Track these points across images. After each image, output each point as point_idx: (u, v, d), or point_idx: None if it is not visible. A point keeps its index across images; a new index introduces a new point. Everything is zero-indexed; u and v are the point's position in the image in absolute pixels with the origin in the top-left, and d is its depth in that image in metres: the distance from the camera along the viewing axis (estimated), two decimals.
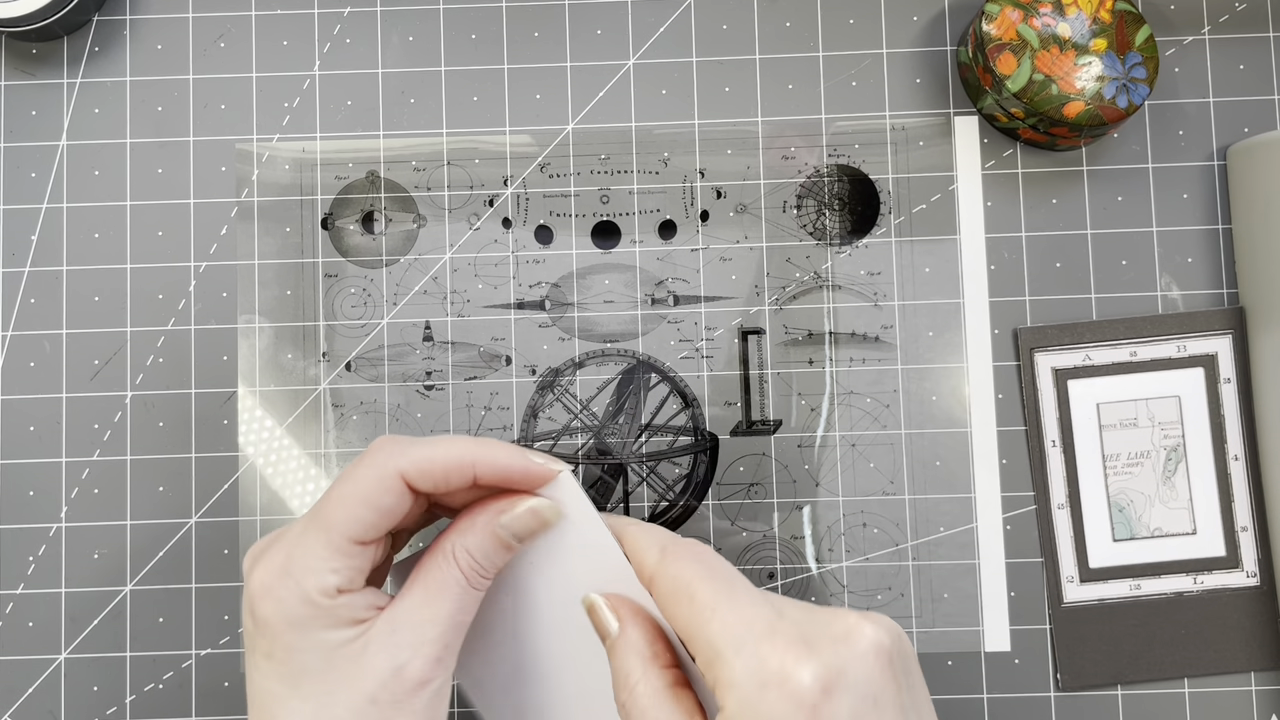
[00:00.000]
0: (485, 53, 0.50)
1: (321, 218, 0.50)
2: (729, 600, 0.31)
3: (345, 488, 0.33)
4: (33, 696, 0.48)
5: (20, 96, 0.50)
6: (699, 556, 0.33)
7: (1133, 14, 0.47)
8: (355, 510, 0.33)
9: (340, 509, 0.33)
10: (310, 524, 0.33)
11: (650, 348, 0.49)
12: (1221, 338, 0.49)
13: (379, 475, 0.33)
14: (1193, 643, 0.48)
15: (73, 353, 0.49)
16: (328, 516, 0.33)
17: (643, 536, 0.35)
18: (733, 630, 0.30)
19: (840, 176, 0.50)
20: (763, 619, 0.30)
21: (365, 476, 0.33)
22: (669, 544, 0.34)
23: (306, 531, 0.33)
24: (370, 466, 0.33)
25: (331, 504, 0.33)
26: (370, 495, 0.33)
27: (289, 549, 0.33)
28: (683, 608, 0.31)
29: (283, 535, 0.34)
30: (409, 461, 0.34)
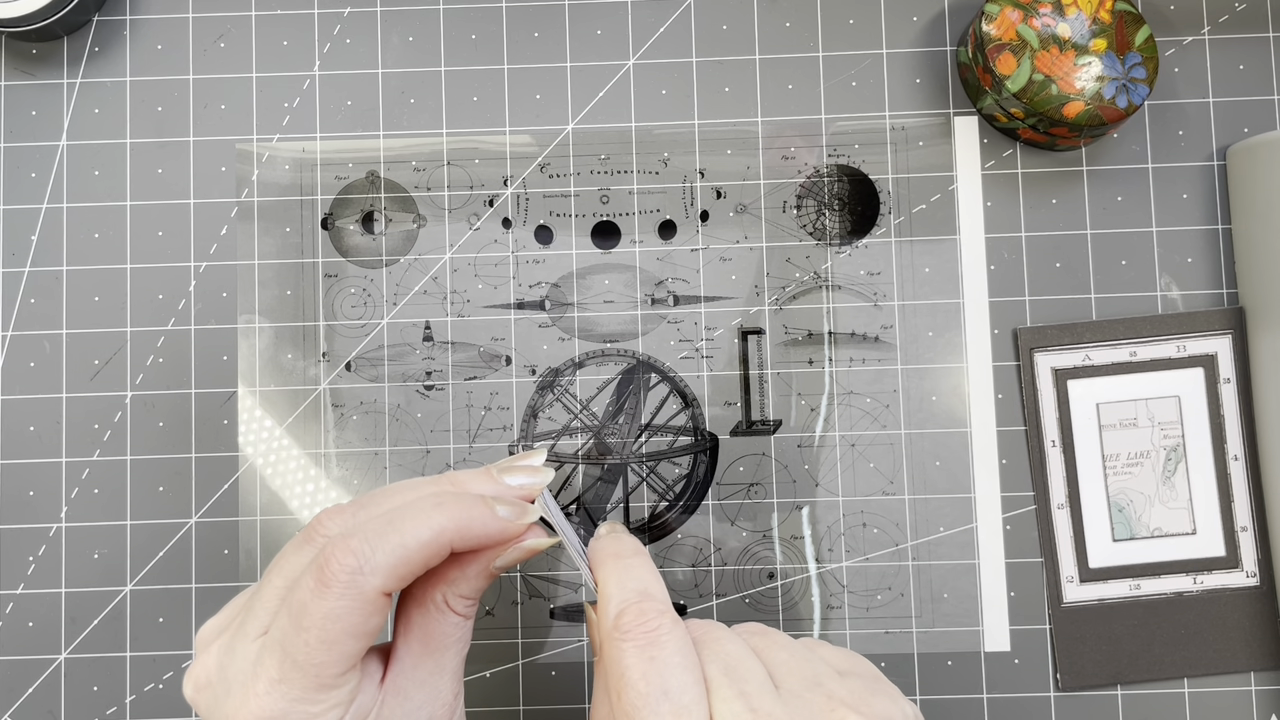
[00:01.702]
0: (485, 53, 0.50)
1: (321, 218, 0.50)
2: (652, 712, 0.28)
3: (324, 629, 0.29)
4: (33, 696, 0.48)
5: (20, 96, 0.50)
6: (649, 639, 0.29)
7: (1132, 14, 0.47)
8: (345, 647, 0.29)
9: (328, 651, 0.29)
10: (293, 672, 0.29)
11: (650, 348, 0.49)
12: (1221, 338, 0.49)
13: (359, 604, 0.29)
14: (1193, 643, 0.48)
15: (73, 353, 0.49)
16: (314, 662, 0.29)
17: (609, 583, 0.32)
18: None
19: (840, 176, 0.50)
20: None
21: (343, 610, 0.29)
22: (625, 611, 0.30)
23: (290, 680, 0.29)
24: (344, 595, 0.29)
25: (314, 647, 0.29)
26: (354, 627, 0.29)
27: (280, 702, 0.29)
28: (612, 694, 0.29)
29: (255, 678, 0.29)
30: (385, 572, 0.29)
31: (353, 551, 0.29)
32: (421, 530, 0.30)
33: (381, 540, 0.30)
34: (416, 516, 0.30)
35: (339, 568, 0.29)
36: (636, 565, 0.32)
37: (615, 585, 0.31)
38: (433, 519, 0.30)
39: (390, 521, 0.30)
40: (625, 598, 0.31)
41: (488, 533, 0.31)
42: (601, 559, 0.33)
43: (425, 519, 0.30)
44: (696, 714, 0.28)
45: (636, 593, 0.31)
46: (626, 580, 0.31)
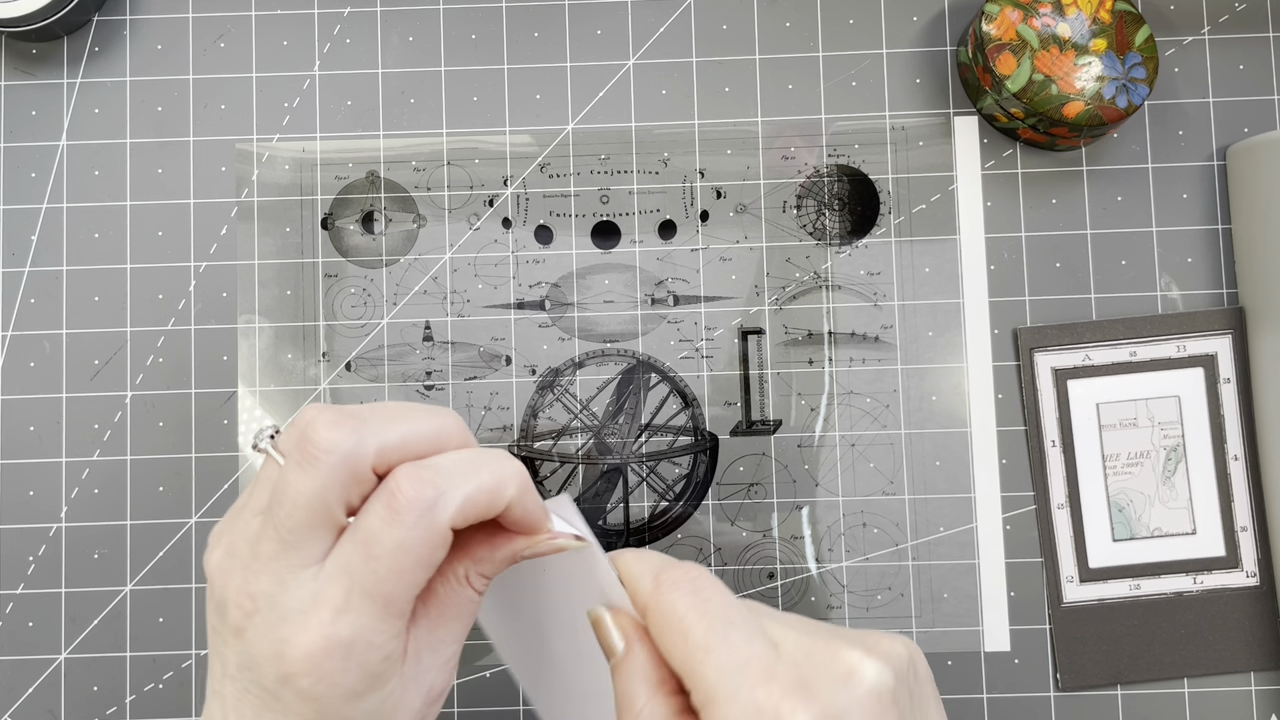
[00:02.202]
0: (485, 53, 0.50)
1: (321, 218, 0.50)
2: (723, 639, 0.30)
3: (395, 558, 0.29)
4: (33, 696, 0.48)
5: (20, 96, 0.50)
6: (694, 587, 0.31)
7: (1132, 14, 0.47)
8: (413, 577, 0.30)
9: (398, 580, 0.30)
10: (361, 600, 0.30)
11: (650, 348, 0.49)
12: (1221, 338, 0.49)
13: (430, 536, 0.30)
14: (1193, 643, 0.48)
15: (73, 353, 0.49)
16: (384, 592, 0.30)
17: (636, 564, 0.33)
18: (727, 673, 0.29)
19: (840, 176, 0.50)
20: (758, 660, 0.29)
21: (415, 541, 0.30)
22: (663, 570, 0.32)
23: (359, 609, 0.30)
24: (416, 527, 0.29)
25: (385, 577, 0.30)
26: (424, 559, 0.30)
27: (348, 629, 0.30)
28: (677, 645, 0.30)
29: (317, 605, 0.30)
30: (457, 507, 0.30)
31: (427, 482, 0.30)
32: (495, 474, 0.31)
33: (456, 476, 0.30)
34: (493, 462, 0.31)
35: (414, 497, 0.29)
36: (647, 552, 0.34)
37: (639, 561, 0.33)
38: (505, 466, 0.31)
39: (467, 461, 0.31)
40: (653, 563, 0.32)
41: (535, 507, 0.32)
42: (616, 554, 0.34)
43: (501, 464, 0.31)
44: (761, 636, 0.30)
45: (661, 560, 0.32)
46: (646, 556, 0.33)
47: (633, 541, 0.48)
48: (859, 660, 0.29)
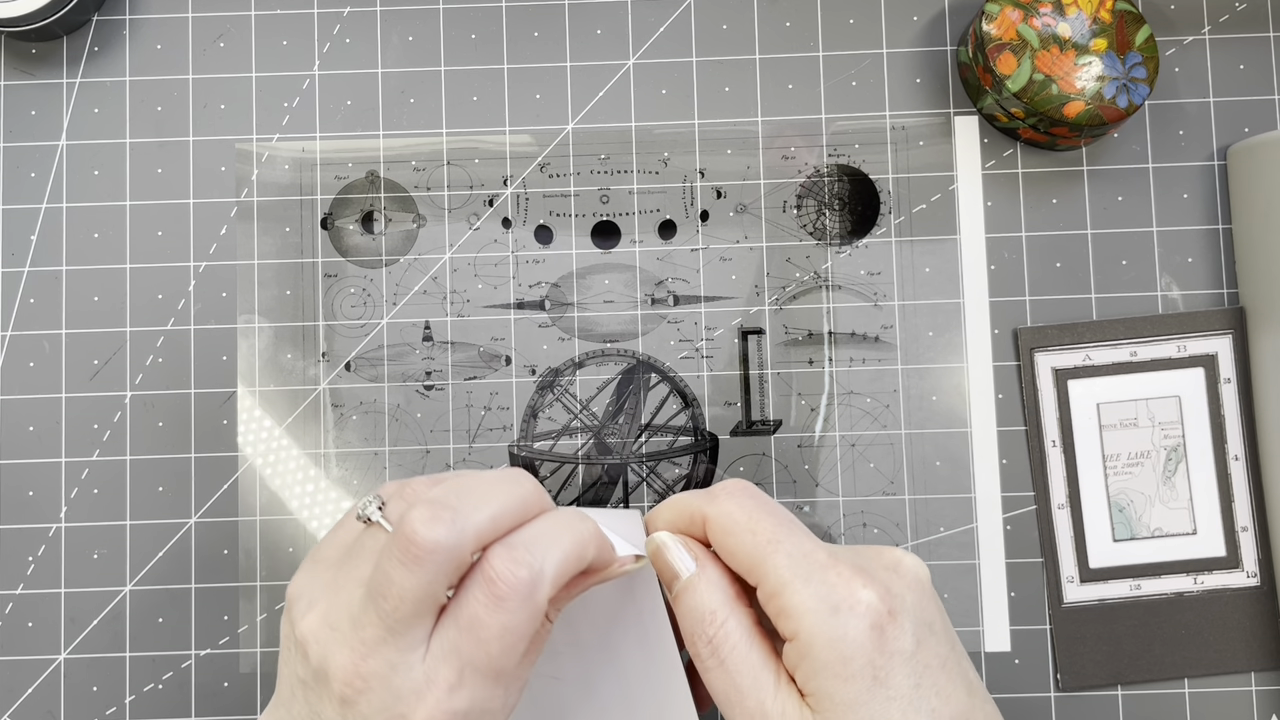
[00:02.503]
0: (485, 53, 0.50)
1: (321, 218, 0.50)
2: (789, 533, 0.32)
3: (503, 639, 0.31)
4: (32, 696, 0.48)
5: (20, 96, 0.50)
6: (751, 492, 0.34)
7: (1133, 14, 0.47)
8: (520, 648, 0.32)
9: (509, 656, 0.31)
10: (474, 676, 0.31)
11: (650, 348, 0.49)
12: (1221, 338, 0.49)
13: (534, 612, 0.31)
14: (1193, 643, 0.48)
15: (72, 353, 0.49)
16: (496, 668, 0.31)
17: (685, 495, 0.35)
18: (798, 560, 0.32)
19: (840, 176, 0.50)
20: (822, 550, 0.32)
21: (519, 623, 0.31)
22: (716, 488, 0.34)
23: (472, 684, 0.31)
24: (519, 610, 0.31)
25: (496, 657, 0.31)
26: (529, 632, 0.32)
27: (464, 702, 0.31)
28: (744, 540, 0.32)
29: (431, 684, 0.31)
30: (553, 583, 0.32)
31: (523, 564, 0.31)
32: (582, 547, 0.33)
33: (546, 551, 0.32)
34: (572, 528, 0.33)
35: (514, 581, 0.31)
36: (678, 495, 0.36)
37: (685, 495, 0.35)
38: (582, 531, 0.33)
39: (548, 533, 0.32)
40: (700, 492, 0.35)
41: (609, 559, 0.34)
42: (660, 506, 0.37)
43: (578, 531, 0.33)
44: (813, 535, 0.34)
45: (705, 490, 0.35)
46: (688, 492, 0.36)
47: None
48: (900, 555, 0.33)
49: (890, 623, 0.31)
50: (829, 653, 0.30)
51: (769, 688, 0.32)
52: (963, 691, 0.32)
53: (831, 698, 0.30)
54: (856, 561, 0.32)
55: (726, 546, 0.33)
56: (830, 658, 0.30)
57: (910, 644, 0.31)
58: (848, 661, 0.30)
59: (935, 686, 0.31)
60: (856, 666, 0.30)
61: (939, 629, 0.32)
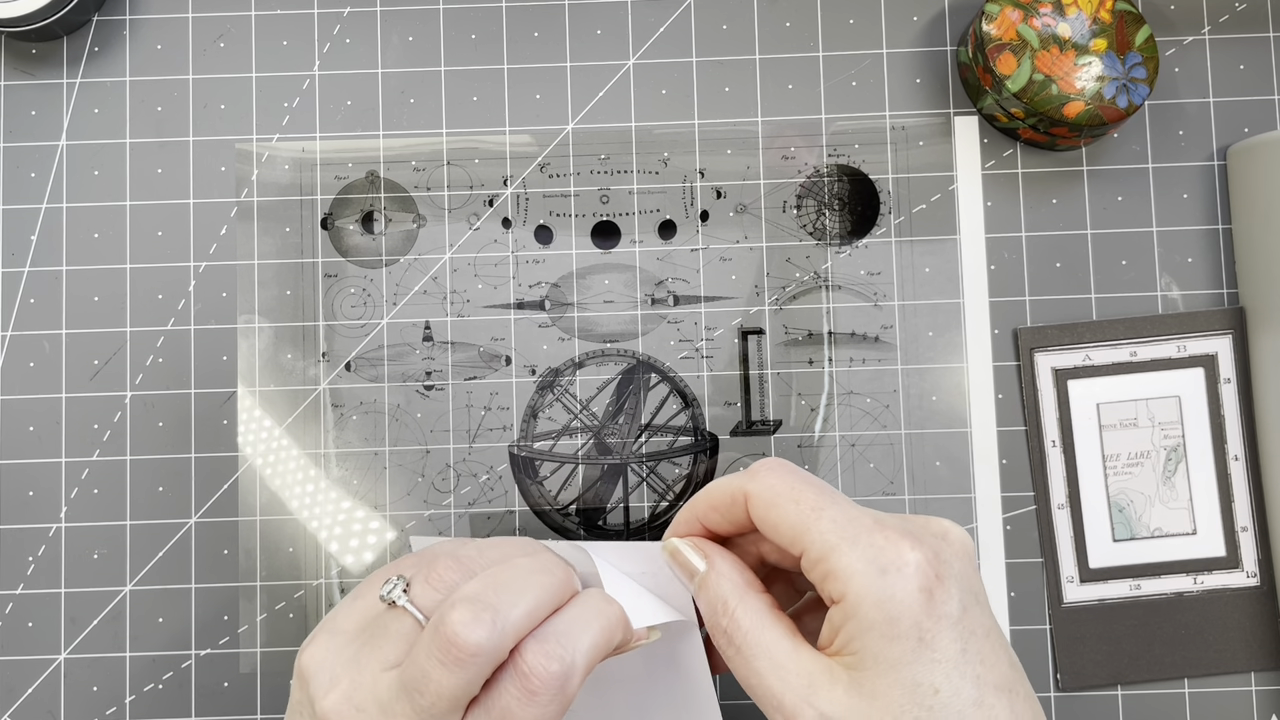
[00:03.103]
0: (485, 53, 0.50)
1: (321, 218, 0.50)
2: (832, 501, 0.32)
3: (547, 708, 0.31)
4: (33, 696, 0.48)
5: (20, 96, 0.50)
6: (788, 467, 0.34)
7: (1133, 14, 0.47)
8: None
9: None
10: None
11: (650, 348, 0.49)
12: (1221, 338, 0.49)
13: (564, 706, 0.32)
14: (1193, 643, 0.48)
15: (72, 353, 0.49)
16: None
17: (724, 477, 0.35)
18: (843, 525, 0.32)
19: (840, 176, 0.50)
20: (868, 515, 0.32)
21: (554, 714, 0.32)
22: (755, 466, 0.34)
23: None
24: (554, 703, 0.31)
25: None
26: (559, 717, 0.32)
27: None
28: (788, 511, 0.32)
29: None
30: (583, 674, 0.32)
31: (555, 658, 0.31)
32: (610, 634, 0.33)
33: (577, 641, 0.32)
34: (600, 615, 0.33)
35: (547, 676, 0.31)
36: None
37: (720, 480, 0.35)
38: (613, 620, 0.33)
39: (579, 620, 0.33)
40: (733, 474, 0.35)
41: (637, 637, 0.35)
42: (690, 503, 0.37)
43: (606, 617, 0.33)
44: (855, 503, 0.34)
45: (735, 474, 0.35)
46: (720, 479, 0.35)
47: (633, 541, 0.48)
48: (949, 525, 0.34)
49: (939, 586, 0.31)
50: (877, 612, 0.30)
51: (788, 665, 0.32)
52: (1005, 662, 0.32)
53: (876, 657, 0.30)
54: (904, 527, 0.32)
55: (770, 520, 0.33)
56: (878, 617, 0.30)
57: (957, 609, 0.31)
58: (895, 622, 0.30)
59: (980, 653, 0.31)
60: (904, 627, 0.30)
61: (983, 600, 0.33)
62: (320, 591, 0.48)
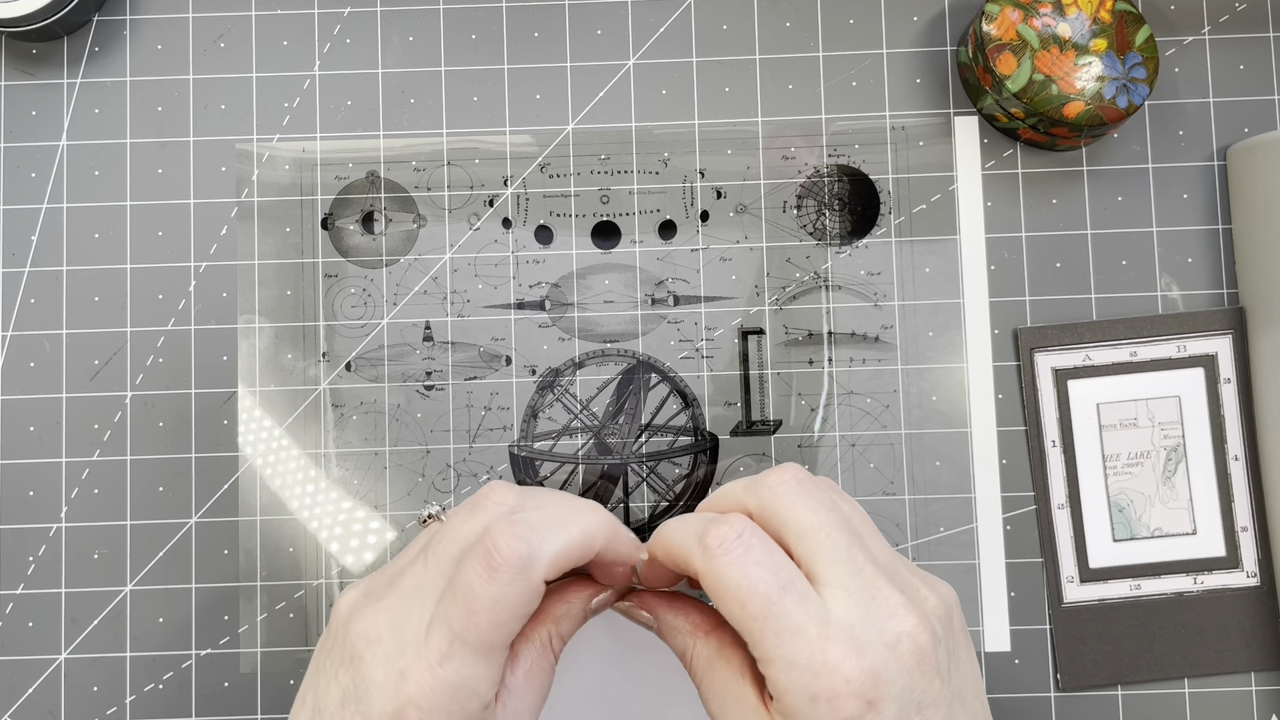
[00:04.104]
0: (485, 53, 0.50)
1: (321, 218, 0.50)
2: (778, 605, 0.31)
3: (493, 612, 0.32)
4: (33, 696, 0.48)
5: (20, 96, 0.50)
6: (742, 551, 0.32)
7: (1133, 14, 0.47)
8: (510, 627, 0.32)
9: (497, 631, 0.32)
10: (462, 649, 0.32)
11: (650, 348, 0.49)
12: (1221, 338, 0.49)
13: (525, 589, 0.32)
14: (1193, 643, 0.48)
15: (73, 353, 0.49)
16: (485, 641, 0.32)
17: (679, 531, 0.34)
18: (785, 639, 0.30)
19: (840, 176, 0.50)
20: (813, 624, 0.31)
21: (512, 596, 0.32)
22: (707, 533, 0.32)
23: (460, 657, 0.32)
24: (513, 583, 0.32)
25: (485, 630, 0.32)
26: (519, 610, 0.32)
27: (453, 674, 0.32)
28: (734, 613, 0.31)
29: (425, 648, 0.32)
30: (548, 564, 0.32)
31: (521, 539, 0.32)
32: (585, 531, 0.33)
33: (548, 531, 0.32)
34: (580, 516, 0.34)
35: (509, 554, 0.31)
36: (681, 516, 0.35)
37: (681, 529, 0.34)
38: (590, 520, 0.34)
39: (555, 517, 0.33)
40: (695, 527, 0.33)
41: (623, 551, 0.35)
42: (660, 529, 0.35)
43: (587, 518, 0.34)
44: (811, 594, 0.31)
45: (701, 520, 0.33)
46: (688, 523, 0.34)
47: None
48: (904, 627, 0.31)
49: (870, 712, 0.30)
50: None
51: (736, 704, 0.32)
52: None
53: None
54: (853, 634, 0.30)
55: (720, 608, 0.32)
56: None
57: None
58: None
59: None
60: None
61: (930, 702, 0.31)
62: (320, 592, 0.48)
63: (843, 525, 0.32)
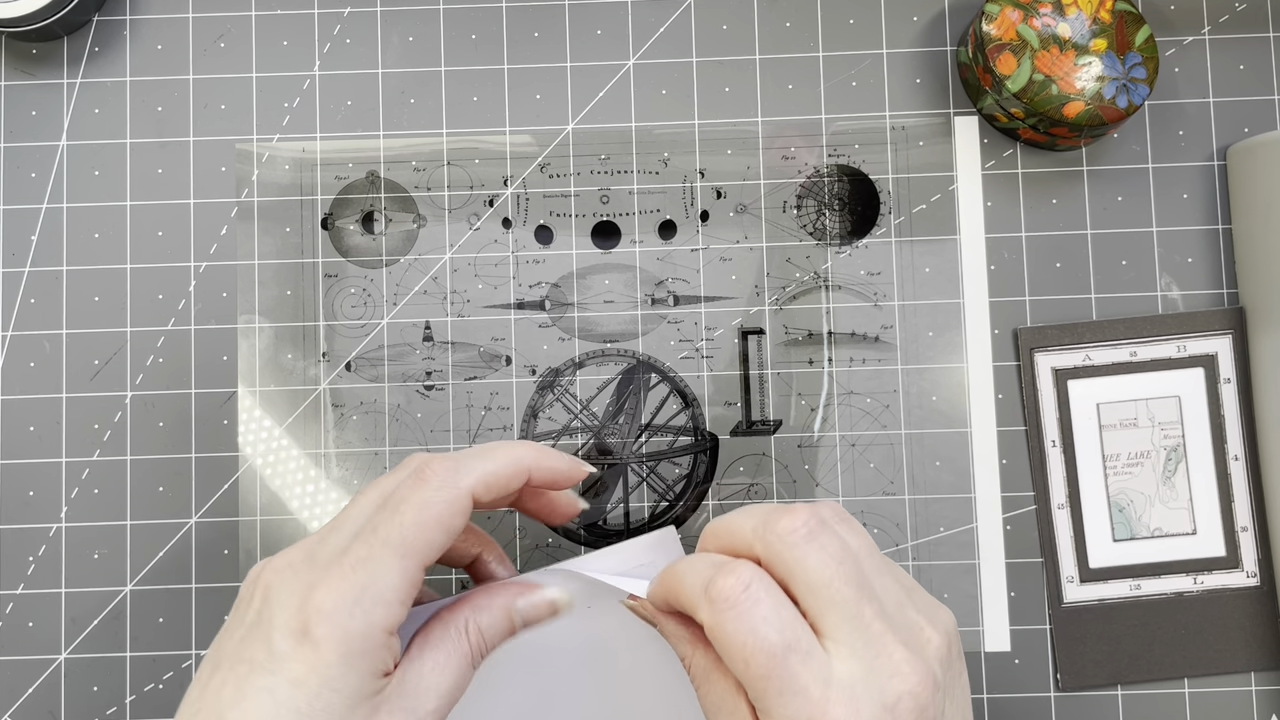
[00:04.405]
0: (485, 53, 0.50)
1: (321, 218, 0.50)
2: (782, 665, 0.30)
3: (419, 512, 0.32)
4: (33, 696, 0.48)
5: (20, 96, 0.50)
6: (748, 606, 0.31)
7: (1133, 14, 0.47)
8: (433, 535, 0.32)
9: (419, 533, 0.32)
10: (382, 550, 0.32)
11: (650, 348, 0.49)
12: (1221, 338, 0.49)
13: (453, 496, 0.33)
14: (1193, 643, 0.48)
15: (73, 353, 0.49)
16: (406, 542, 0.32)
17: (688, 575, 0.33)
18: (787, 699, 0.30)
19: (840, 176, 0.50)
20: (815, 684, 0.30)
21: (438, 499, 0.33)
22: (714, 582, 0.31)
23: (378, 558, 0.32)
24: (441, 489, 0.33)
25: (408, 528, 0.32)
26: (444, 517, 0.33)
27: (364, 575, 0.31)
28: (738, 668, 0.31)
29: (342, 558, 0.32)
30: (476, 478, 0.34)
31: (451, 458, 0.34)
32: (509, 454, 0.35)
33: (476, 455, 0.34)
34: (506, 447, 0.35)
35: (438, 467, 0.33)
36: (693, 557, 0.34)
37: (686, 576, 0.33)
38: (517, 449, 0.35)
39: (486, 448, 0.35)
40: (701, 574, 0.32)
41: (558, 467, 0.36)
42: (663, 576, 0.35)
43: (512, 448, 0.35)
44: (816, 650, 0.31)
45: (707, 566, 0.32)
46: (696, 566, 0.33)
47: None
48: (906, 687, 0.30)
49: None
50: None
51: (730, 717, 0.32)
52: None
53: None
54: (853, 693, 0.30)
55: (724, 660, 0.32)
56: None
57: None
58: None
59: None
60: None
61: None
62: None
63: (852, 578, 0.31)
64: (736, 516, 0.34)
